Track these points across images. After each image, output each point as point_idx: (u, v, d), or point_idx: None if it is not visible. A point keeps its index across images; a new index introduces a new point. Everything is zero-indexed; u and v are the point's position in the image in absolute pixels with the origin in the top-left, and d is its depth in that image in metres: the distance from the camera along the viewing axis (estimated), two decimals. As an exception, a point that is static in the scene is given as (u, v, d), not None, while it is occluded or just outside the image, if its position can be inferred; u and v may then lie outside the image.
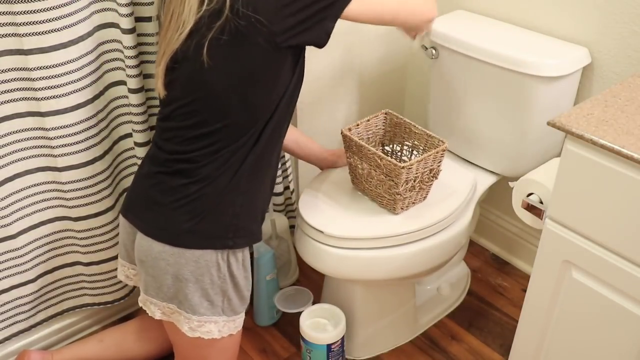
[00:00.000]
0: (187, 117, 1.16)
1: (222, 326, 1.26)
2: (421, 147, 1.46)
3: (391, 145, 1.53)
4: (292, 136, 1.52)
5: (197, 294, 1.21)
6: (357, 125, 1.46)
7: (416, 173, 1.34)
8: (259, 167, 1.22)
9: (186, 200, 1.17)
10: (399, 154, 1.52)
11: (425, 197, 1.44)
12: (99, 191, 1.44)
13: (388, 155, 1.48)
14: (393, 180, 1.33)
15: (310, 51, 1.69)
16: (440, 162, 1.39)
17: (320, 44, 1.15)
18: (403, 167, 1.29)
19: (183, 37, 1.10)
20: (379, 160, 1.33)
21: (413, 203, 1.41)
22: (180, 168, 1.18)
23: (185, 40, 1.10)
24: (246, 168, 1.19)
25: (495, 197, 1.86)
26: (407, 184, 1.34)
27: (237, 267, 1.24)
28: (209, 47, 1.08)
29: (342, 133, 1.41)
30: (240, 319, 1.31)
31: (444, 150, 1.38)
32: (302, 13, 1.08)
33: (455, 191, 1.47)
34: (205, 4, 1.08)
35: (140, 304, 1.29)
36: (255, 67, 1.11)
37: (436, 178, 1.41)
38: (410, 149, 1.50)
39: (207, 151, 1.16)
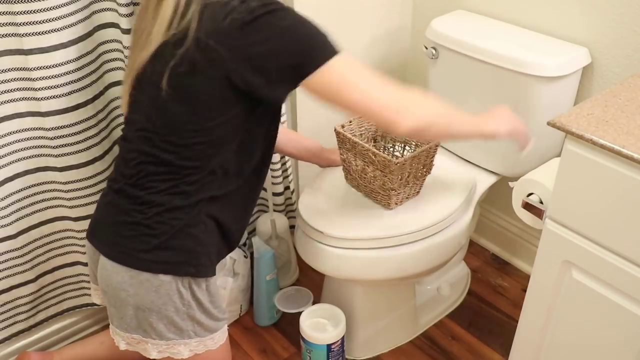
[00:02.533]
0: (146, 142, 1.11)
1: (195, 346, 1.20)
2: (413, 143, 1.47)
3: (383, 141, 1.54)
4: (289, 139, 1.51)
5: (161, 323, 1.16)
6: (350, 122, 1.46)
7: (410, 169, 1.34)
8: (227, 201, 1.17)
9: (144, 224, 1.11)
10: (392, 149, 1.53)
11: (418, 192, 1.45)
12: (99, 191, 1.44)
13: (381, 152, 1.48)
14: (387, 176, 1.33)
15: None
16: (433, 157, 1.40)
17: (272, 100, 1.09)
18: (397, 163, 1.30)
19: (147, 55, 1.07)
20: (373, 157, 1.33)
21: (407, 198, 1.42)
22: (137, 193, 1.12)
23: (150, 62, 1.07)
24: (210, 200, 1.13)
25: (495, 197, 1.86)
26: (401, 180, 1.34)
27: (200, 292, 1.17)
28: (169, 76, 1.04)
29: (335, 130, 1.42)
30: (219, 334, 1.24)
31: (437, 146, 1.38)
32: (263, 61, 1.02)
33: (455, 191, 1.47)
34: (173, 28, 1.04)
35: (110, 333, 1.26)
36: (211, 101, 1.06)
37: (429, 173, 1.42)
38: (402, 145, 1.51)
39: (165, 178, 1.11)
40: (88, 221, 1.45)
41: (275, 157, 1.70)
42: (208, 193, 1.13)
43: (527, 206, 1.19)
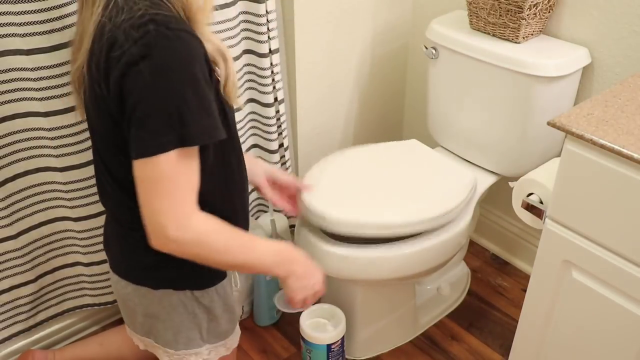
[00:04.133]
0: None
1: (206, 355, 1.16)
2: None
3: None
4: None
5: (169, 332, 1.12)
6: None
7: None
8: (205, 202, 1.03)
9: (133, 240, 1.04)
10: None
11: (541, 31, 1.50)
12: (99, 191, 1.44)
13: None
14: (519, 5, 1.38)
15: (309, 49, 1.70)
16: None
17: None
18: None
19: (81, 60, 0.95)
20: None
21: (531, 34, 1.46)
22: (117, 213, 1.07)
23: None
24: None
25: (495, 197, 1.86)
26: (530, 10, 1.38)
27: (208, 300, 1.11)
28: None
29: None
30: (231, 339, 1.20)
31: None
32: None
33: (455, 191, 1.47)
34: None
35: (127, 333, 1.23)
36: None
37: (552, 10, 1.46)
38: None
39: (126, 196, 1.01)
40: (88, 221, 1.46)
41: (275, 157, 1.70)
42: None
43: (527, 206, 1.19)
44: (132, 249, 1.07)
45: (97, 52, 0.89)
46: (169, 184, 0.89)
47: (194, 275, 1.08)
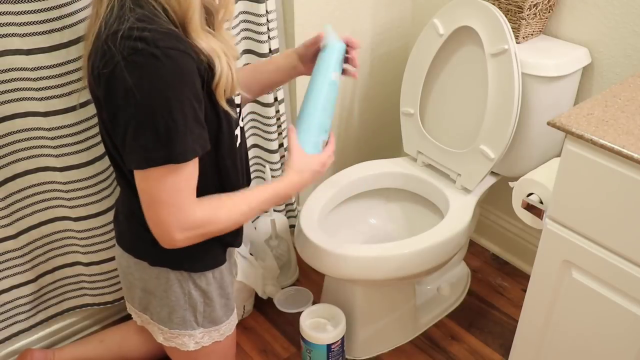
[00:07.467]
0: None
1: (200, 338, 1.21)
2: None
3: None
4: (252, 76, 1.29)
5: (164, 310, 1.17)
6: None
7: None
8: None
9: (138, 215, 1.05)
10: None
11: (541, 31, 1.49)
12: (99, 191, 1.44)
13: None
14: (519, 5, 1.37)
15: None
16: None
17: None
18: None
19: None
20: None
21: (531, 34, 1.46)
22: (125, 193, 1.12)
23: None
24: None
25: (495, 197, 1.86)
26: (530, 10, 1.38)
27: (206, 283, 1.17)
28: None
29: None
30: (226, 326, 1.24)
31: None
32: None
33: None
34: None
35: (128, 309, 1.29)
36: None
37: (552, 10, 1.45)
38: None
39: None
40: (88, 221, 1.46)
41: (275, 157, 1.70)
42: None
43: (527, 206, 1.19)
44: (136, 223, 1.11)
45: (93, 58, 0.94)
46: (166, 195, 0.94)
47: (192, 258, 1.13)
